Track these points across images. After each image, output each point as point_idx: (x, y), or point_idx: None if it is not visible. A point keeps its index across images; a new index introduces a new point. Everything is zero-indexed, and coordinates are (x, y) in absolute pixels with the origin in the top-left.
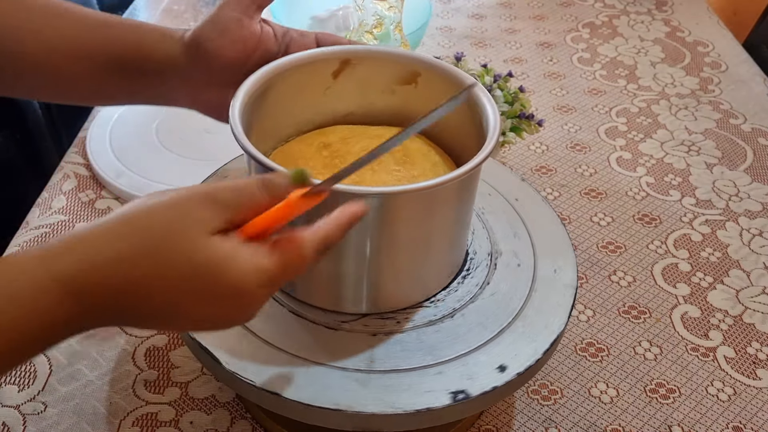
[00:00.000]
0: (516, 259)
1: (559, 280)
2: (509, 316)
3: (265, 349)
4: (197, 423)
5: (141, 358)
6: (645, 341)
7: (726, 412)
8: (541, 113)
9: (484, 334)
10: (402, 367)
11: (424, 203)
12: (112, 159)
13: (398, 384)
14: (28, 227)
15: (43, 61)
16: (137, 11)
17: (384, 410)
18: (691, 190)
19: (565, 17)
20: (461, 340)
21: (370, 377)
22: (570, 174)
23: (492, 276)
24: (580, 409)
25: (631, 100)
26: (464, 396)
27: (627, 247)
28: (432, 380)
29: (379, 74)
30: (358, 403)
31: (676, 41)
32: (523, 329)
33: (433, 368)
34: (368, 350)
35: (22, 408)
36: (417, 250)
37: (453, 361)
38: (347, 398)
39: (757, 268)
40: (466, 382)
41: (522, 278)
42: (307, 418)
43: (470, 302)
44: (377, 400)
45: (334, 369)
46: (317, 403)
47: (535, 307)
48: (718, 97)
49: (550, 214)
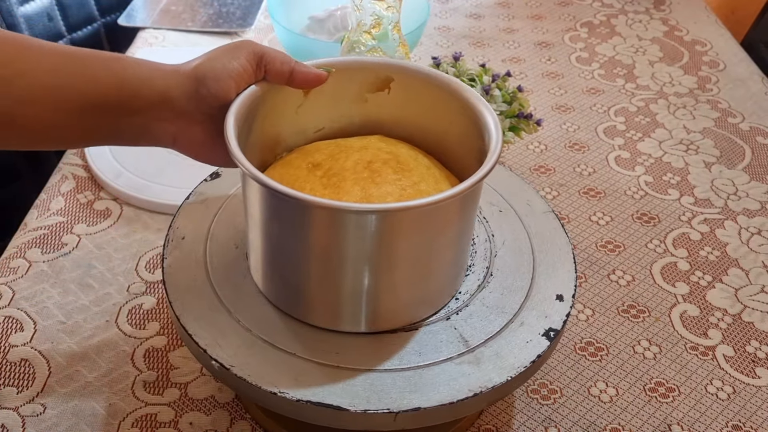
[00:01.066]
0: (493, 207)
1: (537, 211)
2: (529, 254)
3: (368, 379)
4: (197, 424)
5: (140, 359)
6: (644, 340)
7: (725, 411)
8: (539, 113)
9: (525, 278)
10: (494, 332)
11: (427, 218)
12: (110, 160)
13: (503, 347)
14: (26, 228)
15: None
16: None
17: (510, 375)
18: (690, 189)
19: (563, 17)
20: (513, 290)
21: (477, 353)
22: (569, 173)
23: (491, 228)
24: (580, 408)
25: (629, 99)
26: (554, 332)
27: (626, 247)
28: (522, 331)
29: (348, 84)
30: (485, 379)
31: (674, 40)
32: (547, 259)
33: (514, 322)
34: (454, 332)
35: (21, 410)
36: (418, 266)
37: (522, 310)
38: (474, 381)
39: (755, 267)
40: (546, 321)
41: (511, 221)
42: (449, 415)
43: (494, 257)
44: (499, 369)
45: (444, 364)
46: (457, 398)
47: (539, 240)
48: (717, 96)
49: (527, 188)
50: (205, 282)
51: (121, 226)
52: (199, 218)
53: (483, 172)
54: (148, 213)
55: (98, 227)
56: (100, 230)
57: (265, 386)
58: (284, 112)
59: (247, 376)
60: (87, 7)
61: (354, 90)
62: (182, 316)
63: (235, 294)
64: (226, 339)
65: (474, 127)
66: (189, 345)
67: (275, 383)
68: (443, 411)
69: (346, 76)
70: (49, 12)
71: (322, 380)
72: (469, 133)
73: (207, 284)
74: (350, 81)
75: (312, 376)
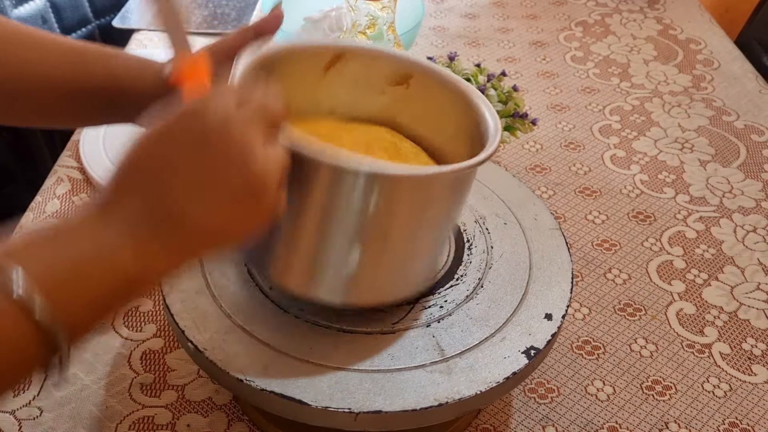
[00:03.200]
0: (499, 218)
1: (543, 226)
2: (526, 270)
3: (339, 375)
4: (194, 426)
5: (137, 361)
6: (641, 338)
7: (722, 408)
8: (534, 112)
9: (517, 293)
10: (471, 345)
11: (421, 191)
12: (106, 162)
13: (478, 361)
14: (21, 231)
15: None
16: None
17: (479, 389)
18: (685, 188)
19: (558, 16)
20: (502, 303)
21: (450, 365)
22: (564, 172)
23: (491, 240)
24: (577, 407)
25: (624, 98)
26: (535, 351)
27: (622, 245)
28: (502, 347)
29: (371, 72)
30: (453, 391)
31: (669, 39)
32: (543, 277)
33: (495, 337)
34: (432, 340)
35: (18, 413)
36: (404, 241)
37: (507, 324)
38: (442, 391)
39: (751, 265)
40: (529, 339)
41: (515, 234)
42: (411, 424)
43: (488, 269)
44: (469, 382)
45: (415, 370)
46: (420, 406)
47: (540, 256)
48: (711, 94)
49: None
50: (197, 266)
51: None
52: None
53: (479, 158)
54: None
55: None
56: None
57: (233, 372)
58: (300, 83)
59: (218, 360)
60: (81, 9)
61: (373, 78)
62: (168, 296)
63: (223, 279)
64: (205, 322)
65: (477, 130)
66: (171, 324)
67: (243, 370)
68: (405, 417)
69: (367, 63)
70: (44, 14)
71: (290, 373)
72: (474, 141)
73: (198, 268)
74: (370, 68)
75: (281, 367)
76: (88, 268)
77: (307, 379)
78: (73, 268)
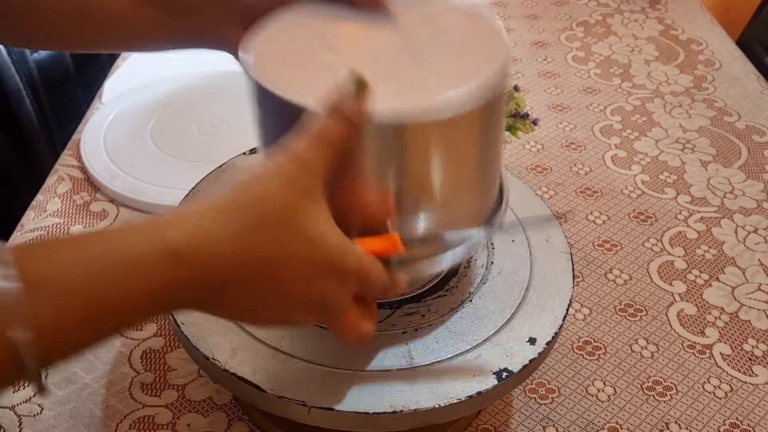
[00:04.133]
0: (508, 235)
1: (553, 248)
2: (521, 290)
3: (303, 367)
4: (194, 425)
5: (137, 360)
6: (641, 339)
7: (723, 409)
8: (536, 112)
9: (505, 312)
10: (443, 358)
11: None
12: (107, 161)
13: (445, 374)
14: (23, 230)
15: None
16: None
17: (438, 403)
18: (686, 188)
19: (559, 16)
20: (486, 321)
21: (416, 373)
22: (565, 173)
23: (494, 255)
24: (578, 407)
25: (625, 98)
26: (508, 374)
27: (623, 246)
28: (474, 365)
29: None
30: (411, 401)
31: (670, 39)
32: (538, 300)
33: (470, 353)
34: (405, 348)
35: (18, 409)
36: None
37: (486, 342)
38: (400, 399)
39: (752, 265)
40: (506, 360)
41: (521, 252)
42: (364, 427)
43: (482, 284)
44: (429, 394)
45: (378, 373)
46: (373, 410)
47: (541, 277)
48: (712, 94)
49: (524, 187)
50: None
51: None
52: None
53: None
54: (144, 215)
55: (95, 229)
56: None
57: (202, 349)
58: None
59: (191, 336)
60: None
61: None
62: None
63: None
64: (263, 365)
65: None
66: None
67: (212, 349)
68: (358, 419)
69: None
70: None
71: (255, 358)
72: None
73: None
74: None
75: (249, 352)
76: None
77: (270, 367)
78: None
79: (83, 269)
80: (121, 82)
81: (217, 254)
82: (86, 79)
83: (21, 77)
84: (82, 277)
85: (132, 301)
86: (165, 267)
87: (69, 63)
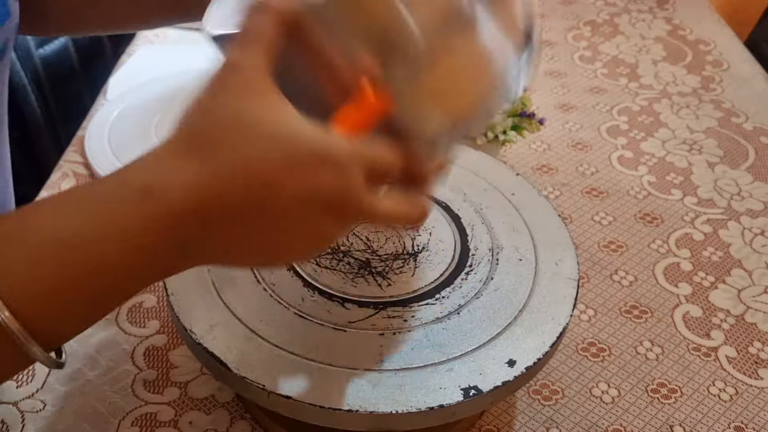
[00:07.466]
0: (517, 254)
1: (561, 273)
2: (514, 311)
3: (274, 352)
4: (196, 423)
5: (140, 357)
6: (646, 341)
7: (728, 412)
8: (542, 112)
9: (492, 330)
10: (413, 365)
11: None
12: (111, 158)
13: (410, 382)
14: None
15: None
16: None
17: (397, 409)
18: (693, 189)
19: (566, 15)
20: (469, 336)
21: (381, 376)
22: (571, 173)
23: (495, 271)
24: (582, 409)
25: (632, 98)
26: (476, 392)
27: (628, 247)
28: (443, 377)
29: None
30: (369, 403)
31: (678, 40)
32: (530, 323)
33: (443, 365)
34: (377, 349)
35: (21, 405)
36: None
37: (462, 357)
38: (359, 398)
39: (759, 268)
40: (477, 378)
41: (524, 272)
42: (320, 420)
43: (475, 298)
44: (389, 399)
45: (344, 370)
46: (329, 405)
47: (539, 301)
48: (720, 95)
49: (547, 207)
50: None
51: None
52: None
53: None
54: None
55: None
56: None
57: (184, 321)
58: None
59: (177, 308)
60: None
61: None
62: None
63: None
64: (235, 343)
65: None
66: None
67: (192, 323)
68: (314, 411)
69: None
70: None
71: (229, 337)
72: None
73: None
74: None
75: (225, 330)
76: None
77: (241, 347)
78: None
79: (51, 218)
80: (126, 79)
81: (177, 188)
82: (91, 76)
83: (26, 73)
84: (51, 224)
85: (106, 243)
86: (132, 205)
87: (74, 59)
